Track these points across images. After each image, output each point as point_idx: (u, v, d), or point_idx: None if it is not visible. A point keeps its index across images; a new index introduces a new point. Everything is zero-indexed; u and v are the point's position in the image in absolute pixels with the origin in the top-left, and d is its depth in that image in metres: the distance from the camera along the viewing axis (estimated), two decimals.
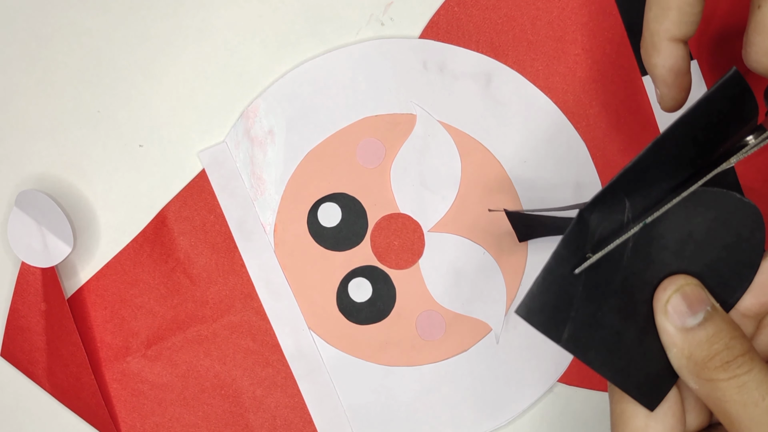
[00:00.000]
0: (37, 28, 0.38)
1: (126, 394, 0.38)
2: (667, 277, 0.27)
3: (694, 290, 0.27)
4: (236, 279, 0.38)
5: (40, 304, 0.37)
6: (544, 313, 0.25)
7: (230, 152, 0.38)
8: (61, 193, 0.38)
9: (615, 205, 0.26)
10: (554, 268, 0.25)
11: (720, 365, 0.26)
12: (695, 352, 0.26)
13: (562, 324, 0.25)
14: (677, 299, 0.27)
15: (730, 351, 0.26)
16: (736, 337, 0.26)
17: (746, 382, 0.25)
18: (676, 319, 0.27)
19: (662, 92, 0.30)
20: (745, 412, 0.25)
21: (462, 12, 0.37)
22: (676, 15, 0.29)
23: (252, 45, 0.38)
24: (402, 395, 0.38)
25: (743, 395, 0.25)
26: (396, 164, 0.37)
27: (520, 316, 0.25)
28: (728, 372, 0.26)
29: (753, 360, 0.26)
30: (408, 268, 0.38)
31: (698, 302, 0.27)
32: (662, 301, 0.27)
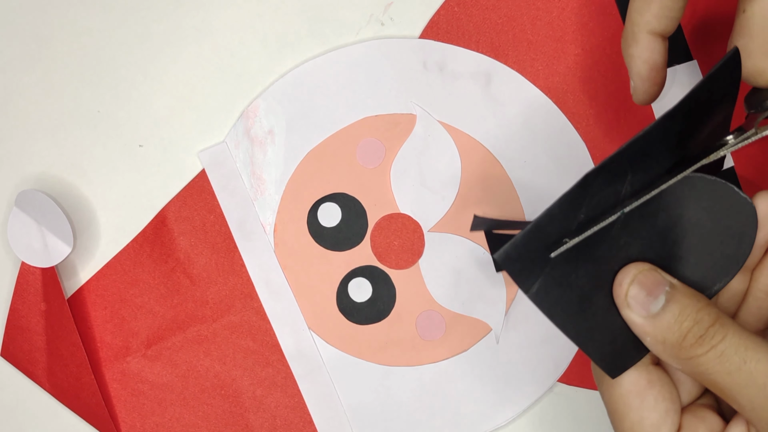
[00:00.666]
0: (37, 28, 0.38)
1: (126, 394, 0.38)
2: (620, 270, 0.27)
3: (649, 275, 0.27)
4: (236, 279, 0.38)
5: (40, 304, 0.37)
6: (520, 262, 0.25)
7: (230, 152, 0.38)
8: (61, 193, 0.38)
9: (618, 175, 0.26)
10: (543, 225, 0.25)
11: (694, 342, 0.26)
12: (667, 336, 0.26)
13: (535, 277, 0.26)
14: (635, 289, 0.27)
15: (700, 324, 0.26)
16: (702, 308, 0.26)
17: (724, 351, 0.25)
18: (639, 308, 0.26)
19: (636, 84, 0.31)
20: (731, 380, 0.25)
21: (462, 12, 0.37)
22: (658, 9, 0.29)
23: (252, 45, 0.38)
24: (402, 395, 0.38)
25: (724, 364, 0.25)
26: (396, 164, 0.37)
27: (497, 260, 0.25)
28: (704, 346, 0.26)
29: (724, 326, 0.26)
30: (408, 268, 0.38)
31: (656, 285, 0.26)
32: (622, 296, 0.27)
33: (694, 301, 0.26)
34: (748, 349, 0.25)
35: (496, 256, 0.25)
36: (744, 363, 0.25)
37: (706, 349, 0.26)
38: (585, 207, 0.26)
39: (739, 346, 0.25)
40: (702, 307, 0.26)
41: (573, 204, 0.25)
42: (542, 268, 0.26)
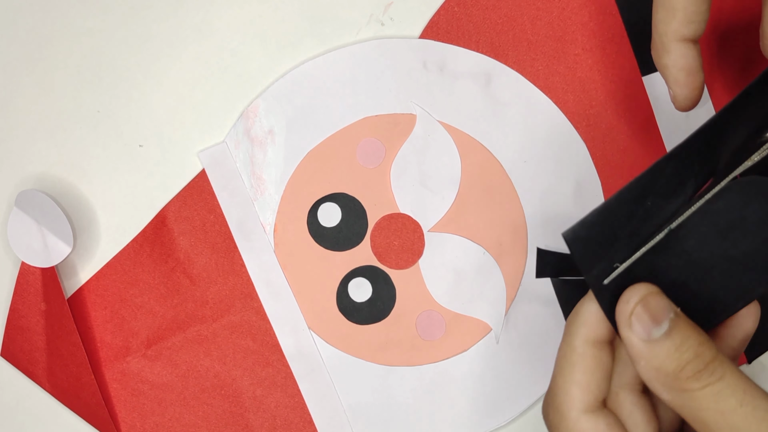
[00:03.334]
0: (37, 28, 0.38)
1: (126, 394, 0.38)
2: (628, 288, 0.26)
3: (657, 299, 0.26)
4: (236, 279, 0.38)
5: (40, 304, 0.37)
6: (587, 244, 0.25)
7: (230, 152, 0.38)
8: (61, 193, 0.38)
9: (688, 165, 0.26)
10: (614, 208, 0.25)
11: (692, 375, 0.25)
12: (664, 364, 0.25)
13: (597, 261, 0.26)
14: (640, 310, 0.26)
15: (700, 359, 0.25)
16: (703, 343, 0.25)
17: (721, 390, 0.25)
18: (640, 331, 0.26)
19: (675, 92, 0.30)
20: (724, 420, 0.25)
21: (462, 12, 0.37)
22: (683, 15, 0.29)
23: (252, 45, 0.38)
24: (402, 395, 0.38)
25: (720, 403, 0.25)
26: (396, 164, 0.37)
27: (565, 238, 0.25)
28: (701, 381, 0.25)
29: (723, 364, 0.25)
30: (408, 268, 0.38)
31: (662, 311, 0.26)
32: (625, 314, 0.26)
33: (696, 333, 0.26)
34: (746, 393, 0.25)
35: (565, 234, 0.25)
36: (740, 405, 0.24)
37: (702, 384, 0.25)
38: (653, 195, 0.26)
39: (737, 387, 0.25)
40: (703, 342, 0.25)
41: (644, 187, 0.25)
42: (607, 251, 0.26)
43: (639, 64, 0.37)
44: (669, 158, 0.26)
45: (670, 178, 0.26)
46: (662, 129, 0.37)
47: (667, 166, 0.26)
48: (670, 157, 0.26)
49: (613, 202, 0.25)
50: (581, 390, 0.27)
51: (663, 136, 0.37)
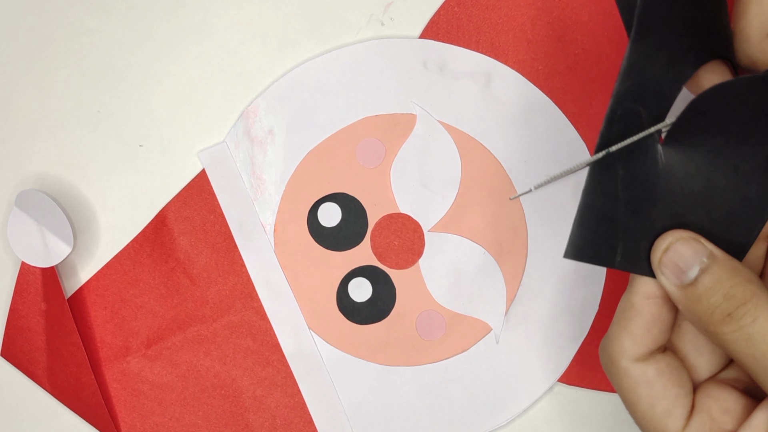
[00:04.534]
0: (37, 28, 0.38)
1: (126, 394, 0.38)
2: (658, 238, 0.26)
3: (686, 244, 0.26)
4: (236, 279, 0.38)
5: (40, 304, 0.37)
6: (593, 245, 0.25)
7: (230, 152, 0.38)
8: (61, 193, 0.38)
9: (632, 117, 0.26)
10: (591, 199, 0.25)
11: (721, 318, 0.25)
12: (695, 308, 0.25)
13: (612, 249, 0.25)
14: (669, 257, 0.26)
15: (730, 301, 0.25)
16: (736, 284, 0.25)
17: (751, 334, 0.24)
18: (671, 277, 0.26)
19: None
20: (756, 364, 0.24)
21: (462, 12, 0.37)
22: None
23: (252, 45, 0.38)
24: (402, 395, 0.38)
25: (750, 348, 0.24)
26: (396, 164, 0.37)
27: (571, 257, 0.25)
28: (731, 325, 0.24)
29: (758, 306, 0.24)
30: (408, 268, 0.38)
31: (692, 255, 0.26)
32: (655, 262, 0.26)
33: (730, 275, 0.25)
34: None
35: (567, 255, 0.25)
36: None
37: (733, 328, 0.24)
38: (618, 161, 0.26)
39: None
40: (737, 283, 0.25)
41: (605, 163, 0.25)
42: (615, 235, 0.26)
43: None
44: (609, 123, 0.25)
45: (623, 135, 0.26)
46: None
47: (611, 130, 0.25)
48: (610, 122, 0.25)
49: (586, 193, 0.25)
50: (633, 342, 0.27)
51: None
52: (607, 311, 0.37)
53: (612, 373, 0.28)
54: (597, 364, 0.37)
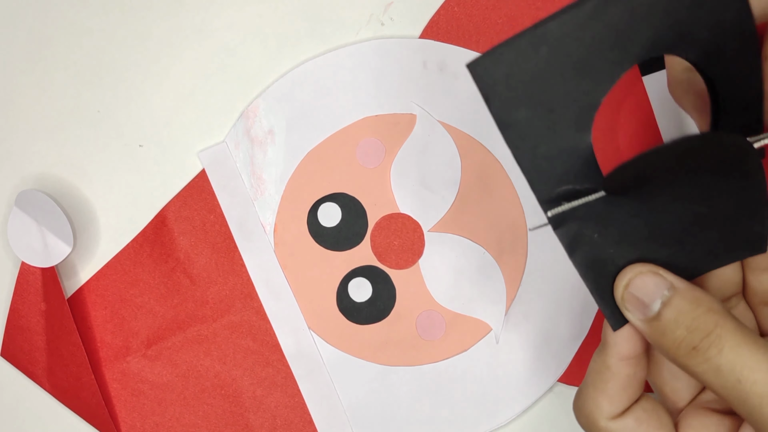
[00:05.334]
0: (37, 28, 0.38)
1: (126, 394, 0.38)
2: (619, 273, 0.26)
3: (646, 278, 0.26)
4: (236, 279, 0.38)
5: (40, 304, 0.37)
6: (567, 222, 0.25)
7: (230, 152, 0.38)
8: (61, 193, 0.38)
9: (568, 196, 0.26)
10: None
11: (687, 352, 0.25)
12: (662, 342, 0.25)
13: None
14: (630, 292, 0.26)
15: (694, 334, 0.25)
16: (699, 315, 0.25)
17: (719, 366, 0.24)
18: (635, 312, 0.26)
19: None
20: (728, 393, 0.24)
21: (462, 12, 0.37)
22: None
23: (252, 45, 0.38)
24: (402, 395, 0.38)
25: (720, 379, 0.24)
26: (396, 164, 0.37)
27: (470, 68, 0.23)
28: (697, 357, 0.24)
29: (722, 337, 0.24)
30: (408, 268, 0.38)
31: (653, 289, 0.26)
32: (618, 298, 0.26)
33: (692, 306, 0.25)
34: (744, 368, 0.24)
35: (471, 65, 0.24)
36: (739, 382, 0.24)
37: (699, 360, 0.24)
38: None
39: (736, 363, 0.24)
40: (699, 314, 0.25)
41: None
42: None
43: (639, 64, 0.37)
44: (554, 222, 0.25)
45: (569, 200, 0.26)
46: (662, 129, 0.37)
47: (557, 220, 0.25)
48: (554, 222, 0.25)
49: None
50: (610, 402, 0.27)
51: (663, 136, 0.37)
52: None
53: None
54: None
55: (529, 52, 0.23)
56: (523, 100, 0.24)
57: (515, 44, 0.23)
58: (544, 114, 0.24)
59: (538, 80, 0.23)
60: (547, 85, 0.24)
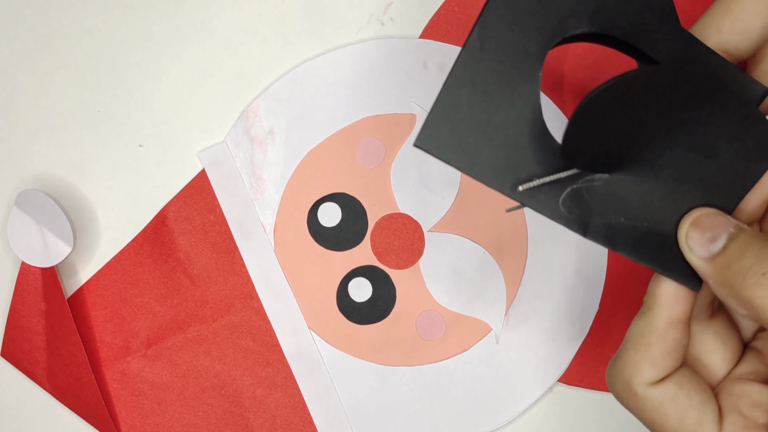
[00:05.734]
0: (37, 28, 0.38)
1: (126, 394, 0.38)
2: (685, 214, 0.26)
3: (710, 218, 0.26)
4: (236, 279, 0.38)
5: (40, 304, 0.37)
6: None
7: (230, 152, 0.38)
8: (61, 193, 0.38)
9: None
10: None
11: (755, 280, 0.24)
12: (727, 276, 0.25)
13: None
14: (694, 231, 0.26)
15: (763, 262, 0.24)
16: (767, 245, 0.25)
17: None
18: (699, 250, 0.26)
19: None
20: None
21: (462, 12, 0.37)
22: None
23: (252, 45, 0.38)
24: (402, 395, 0.38)
25: None
26: (396, 164, 0.37)
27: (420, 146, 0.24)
28: (766, 286, 0.24)
29: None
30: (408, 268, 0.38)
31: (717, 227, 0.26)
32: (682, 239, 0.26)
33: (758, 239, 0.25)
34: None
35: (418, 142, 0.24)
36: None
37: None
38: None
39: None
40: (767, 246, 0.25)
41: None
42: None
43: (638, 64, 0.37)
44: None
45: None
46: None
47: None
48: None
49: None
50: (654, 367, 0.27)
51: None
52: (607, 311, 0.37)
53: (630, 400, 0.27)
54: (597, 364, 0.37)
55: (456, 104, 0.24)
56: (476, 140, 0.24)
57: (440, 104, 0.24)
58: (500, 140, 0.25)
59: (477, 115, 0.24)
60: (487, 117, 0.24)
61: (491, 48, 0.24)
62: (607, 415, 0.38)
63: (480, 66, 0.24)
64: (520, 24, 0.24)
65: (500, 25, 0.24)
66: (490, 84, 0.24)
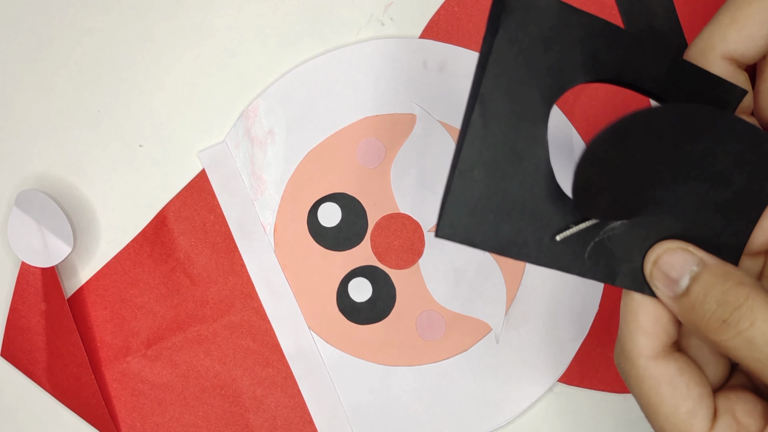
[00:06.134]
0: (37, 28, 0.38)
1: (126, 394, 0.38)
2: (648, 251, 0.26)
3: (674, 255, 0.26)
4: (236, 279, 0.38)
5: (40, 304, 0.37)
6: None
7: (230, 152, 0.38)
8: (61, 193, 0.38)
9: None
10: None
11: (717, 326, 0.24)
12: (691, 318, 0.25)
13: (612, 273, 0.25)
14: (657, 271, 0.26)
15: (724, 307, 0.24)
16: (728, 288, 0.24)
17: (752, 338, 0.24)
18: (664, 289, 0.26)
19: None
20: (762, 367, 0.24)
21: (462, 12, 0.37)
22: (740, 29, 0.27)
23: (252, 45, 0.38)
24: (402, 395, 0.38)
25: (754, 352, 0.24)
26: (396, 164, 0.37)
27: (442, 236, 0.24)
28: (729, 331, 0.24)
29: (754, 309, 0.24)
30: (408, 268, 0.38)
31: (682, 265, 0.25)
32: (647, 275, 0.26)
33: (721, 279, 0.25)
34: None
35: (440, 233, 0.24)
36: None
37: (731, 334, 0.24)
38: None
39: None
40: (729, 287, 0.24)
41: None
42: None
43: None
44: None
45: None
46: None
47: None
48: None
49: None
50: (647, 337, 0.26)
51: None
52: (607, 311, 0.37)
53: (631, 376, 0.27)
54: (597, 364, 0.37)
55: (470, 187, 0.24)
56: (496, 218, 0.24)
57: (455, 191, 0.24)
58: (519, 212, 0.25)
59: (495, 194, 0.24)
60: (503, 193, 0.24)
61: (494, 122, 0.24)
62: (607, 415, 0.38)
63: (486, 143, 0.24)
64: (517, 90, 0.24)
65: (499, 97, 0.24)
66: (499, 159, 0.24)
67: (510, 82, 0.24)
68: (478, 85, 0.24)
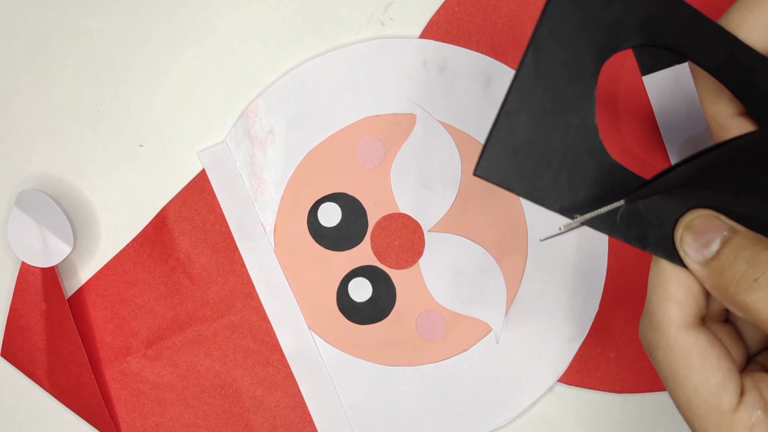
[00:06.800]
0: (37, 28, 0.38)
1: (126, 394, 0.38)
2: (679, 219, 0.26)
3: (704, 221, 0.25)
4: (236, 279, 0.38)
5: (40, 304, 0.37)
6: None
7: (230, 152, 0.38)
8: (61, 193, 0.38)
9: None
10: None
11: (747, 286, 0.24)
12: (720, 281, 0.25)
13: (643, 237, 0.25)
14: (688, 236, 0.25)
15: (755, 267, 0.24)
16: (760, 250, 0.24)
17: None
18: (693, 254, 0.25)
19: None
20: None
21: (462, 12, 0.37)
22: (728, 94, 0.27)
23: (252, 45, 0.38)
24: (402, 395, 0.38)
25: None
26: (396, 164, 0.37)
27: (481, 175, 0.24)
28: (759, 291, 0.24)
29: None
30: (408, 268, 0.38)
31: (711, 230, 0.25)
32: (677, 241, 0.26)
33: (752, 242, 0.25)
34: None
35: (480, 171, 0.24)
36: None
37: (762, 295, 0.24)
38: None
39: None
40: (760, 249, 0.24)
41: None
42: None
43: (639, 64, 0.37)
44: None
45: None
46: (662, 129, 0.37)
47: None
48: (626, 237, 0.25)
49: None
50: (678, 306, 0.26)
51: (663, 136, 0.37)
52: (607, 311, 0.37)
53: (660, 347, 0.26)
54: (597, 364, 0.37)
55: (514, 130, 0.24)
56: (536, 165, 0.24)
57: (499, 132, 0.24)
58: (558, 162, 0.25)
59: (538, 142, 0.24)
60: (545, 141, 0.24)
61: (545, 70, 0.24)
62: (607, 415, 0.38)
63: (535, 89, 0.24)
64: (572, 43, 0.24)
65: (553, 46, 0.24)
66: (546, 107, 0.24)
67: (566, 33, 0.24)
68: (535, 32, 0.24)
